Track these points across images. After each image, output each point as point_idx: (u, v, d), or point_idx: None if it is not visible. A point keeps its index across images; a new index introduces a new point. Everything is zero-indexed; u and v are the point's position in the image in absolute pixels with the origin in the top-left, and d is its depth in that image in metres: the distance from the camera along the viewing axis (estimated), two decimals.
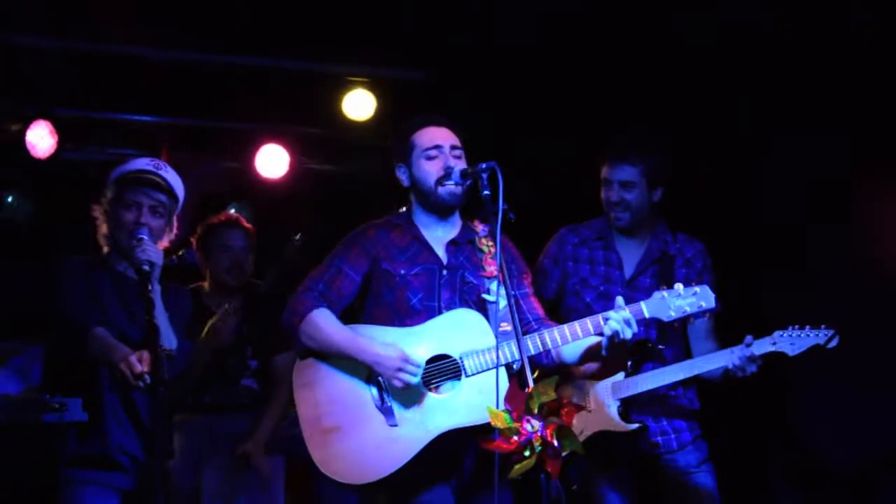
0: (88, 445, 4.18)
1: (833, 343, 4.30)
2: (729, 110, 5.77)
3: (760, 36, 5.56)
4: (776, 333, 4.34)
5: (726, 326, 4.57)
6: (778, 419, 5.55)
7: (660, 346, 4.55)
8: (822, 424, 5.44)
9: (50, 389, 4.28)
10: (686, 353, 4.61)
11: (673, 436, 4.57)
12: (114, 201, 4.30)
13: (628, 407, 4.47)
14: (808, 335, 4.30)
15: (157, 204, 4.31)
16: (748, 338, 4.33)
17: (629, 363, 4.50)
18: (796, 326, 4.32)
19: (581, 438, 4.37)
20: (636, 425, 4.44)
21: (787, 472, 5.58)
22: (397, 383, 3.87)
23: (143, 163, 4.41)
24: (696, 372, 4.44)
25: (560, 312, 4.68)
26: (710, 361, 4.41)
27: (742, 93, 5.71)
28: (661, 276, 4.55)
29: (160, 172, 4.37)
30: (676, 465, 4.55)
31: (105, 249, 4.37)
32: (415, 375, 3.86)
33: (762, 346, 4.34)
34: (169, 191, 4.35)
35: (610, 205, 4.59)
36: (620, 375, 4.48)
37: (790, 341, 4.32)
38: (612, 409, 4.46)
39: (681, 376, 4.46)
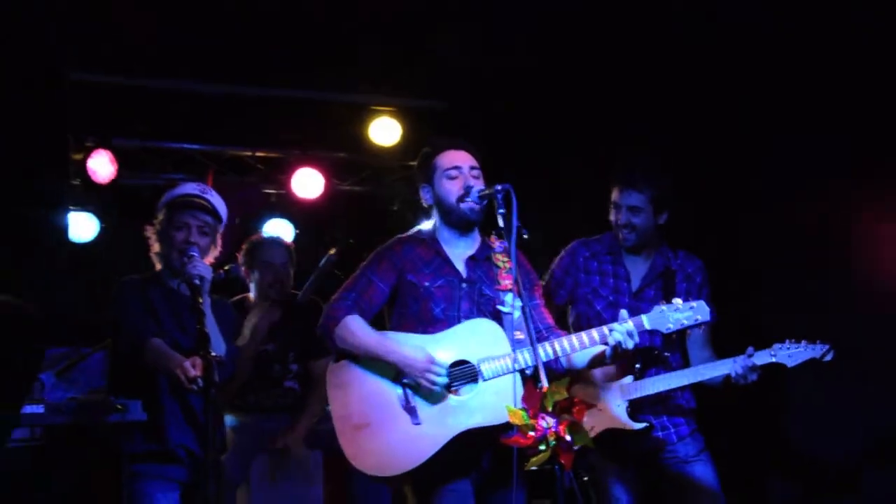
0: (151, 443, 4.21)
1: (828, 357, 4.26)
2: (728, 119, 5.63)
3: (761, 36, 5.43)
4: (775, 346, 4.30)
5: (724, 337, 4.55)
6: (770, 417, 5.48)
7: (665, 354, 4.53)
8: (810, 420, 5.38)
9: (114, 392, 4.32)
10: (684, 360, 4.60)
11: (672, 430, 4.53)
12: (165, 223, 4.35)
13: (635, 407, 4.45)
14: (806, 349, 4.26)
15: (204, 224, 4.35)
16: (750, 349, 4.30)
17: (637, 368, 4.47)
18: (794, 340, 4.28)
19: (591, 435, 4.37)
20: (643, 425, 4.41)
21: (779, 463, 5.53)
22: (424, 383, 3.85)
23: (190, 188, 4.44)
24: (701, 378, 4.41)
25: (571, 318, 4.67)
26: (715, 369, 4.37)
27: (740, 101, 5.56)
28: (665, 289, 4.53)
29: (206, 196, 4.41)
30: (676, 456, 4.52)
31: (158, 267, 4.41)
32: (440, 376, 3.85)
33: (763, 357, 4.30)
34: (214, 212, 4.39)
35: (618, 226, 4.56)
36: (629, 379, 4.45)
37: (788, 354, 4.27)
38: (621, 409, 4.43)
39: (686, 381, 4.43)
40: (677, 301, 3.96)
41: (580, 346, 3.93)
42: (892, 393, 4.97)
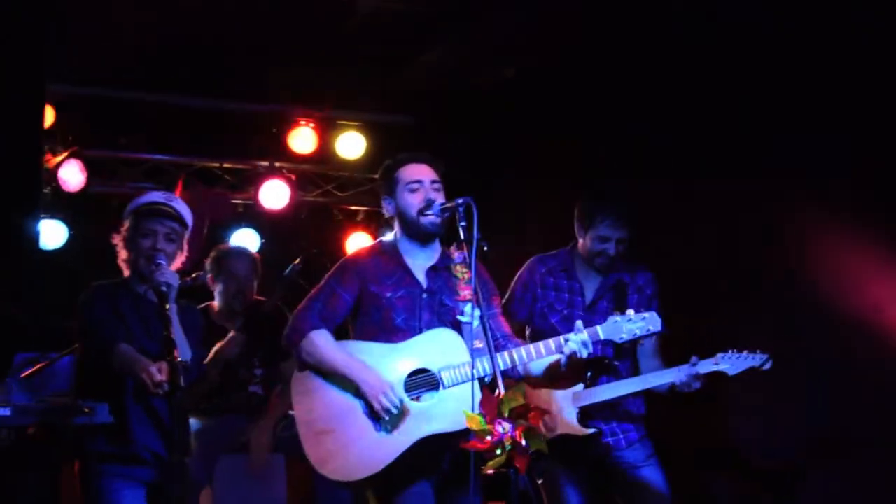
0: (116, 444, 4.20)
1: (767, 366, 4.34)
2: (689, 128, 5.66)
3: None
4: (718, 355, 4.37)
5: (673, 346, 4.61)
6: (716, 422, 5.56)
7: (615, 363, 4.59)
8: (749, 426, 5.47)
9: (81, 395, 4.31)
10: (635, 368, 4.66)
11: (621, 436, 4.59)
12: (132, 230, 4.33)
13: (585, 414, 4.50)
14: (747, 358, 4.34)
15: (171, 231, 4.33)
16: (694, 358, 4.37)
17: (588, 376, 4.52)
18: (735, 350, 4.36)
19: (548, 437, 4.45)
20: (592, 430, 4.46)
21: (725, 465, 5.60)
22: (377, 406, 3.88)
23: (156, 196, 4.45)
24: (647, 386, 4.48)
25: (529, 332, 4.72)
26: (661, 377, 4.44)
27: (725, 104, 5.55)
28: (616, 300, 4.60)
29: (171, 203, 4.41)
30: (626, 461, 4.57)
31: (125, 273, 4.41)
32: (392, 404, 3.87)
33: (706, 366, 4.38)
34: (180, 219, 4.38)
35: (602, 256, 4.60)
36: (580, 386, 4.50)
37: (730, 363, 4.35)
38: (572, 415, 4.47)
39: (634, 389, 4.50)
40: (630, 312, 4.03)
41: (537, 356, 3.98)
42: (828, 396, 5.06)
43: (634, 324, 4.02)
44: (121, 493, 4.16)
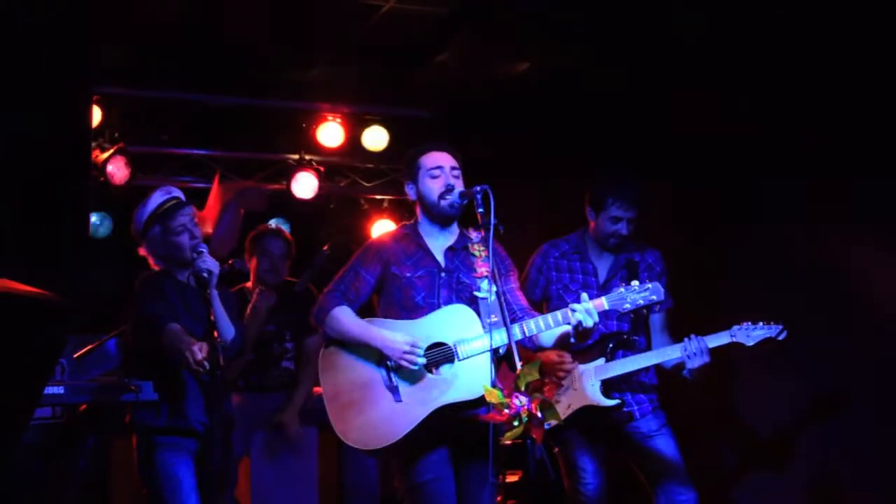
0: (170, 418, 4.23)
1: (782, 336, 4.25)
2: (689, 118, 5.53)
3: None
4: (734, 328, 4.30)
5: (683, 320, 4.55)
6: (720, 393, 5.45)
7: (634, 337, 4.51)
8: (753, 393, 5.38)
9: (129, 374, 4.32)
10: (648, 343, 4.58)
11: (635, 407, 4.51)
12: (162, 234, 4.31)
13: (607, 386, 4.42)
14: (762, 329, 4.26)
15: (191, 216, 4.34)
16: (692, 335, 4.33)
17: (608, 350, 4.46)
18: (750, 322, 4.28)
19: (569, 412, 4.40)
20: (616, 401, 4.39)
21: (728, 431, 5.51)
22: (404, 363, 3.84)
23: (159, 196, 4.40)
24: (664, 358, 4.41)
25: (548, 311, 4.65)
26: (676, 350, 4.36)
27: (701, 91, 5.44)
28: (629, 279, 4.50)
29: (175, 195, 4.40)
30: (639, 431, 4.50)
31: (158, 268, 4.39)
32: (419, 356, 3.84)
33: (722, 339, 4.31)
34: (187, 201, 4.39)
35: (617, 236, 4.54)
36: (601, 360, 4.44)
37: (746, 334, 4.27)
38: (595, 388, 4.41)
39: (652, 362, 4.43)
40: (634, 283, 3.97)
41: (545, 327, 3.92)
42: (819, 362, 4.96)
43: (638, 294, 3.94)
44: (178, 465, 4.18)
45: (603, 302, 3.93)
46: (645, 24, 5.50)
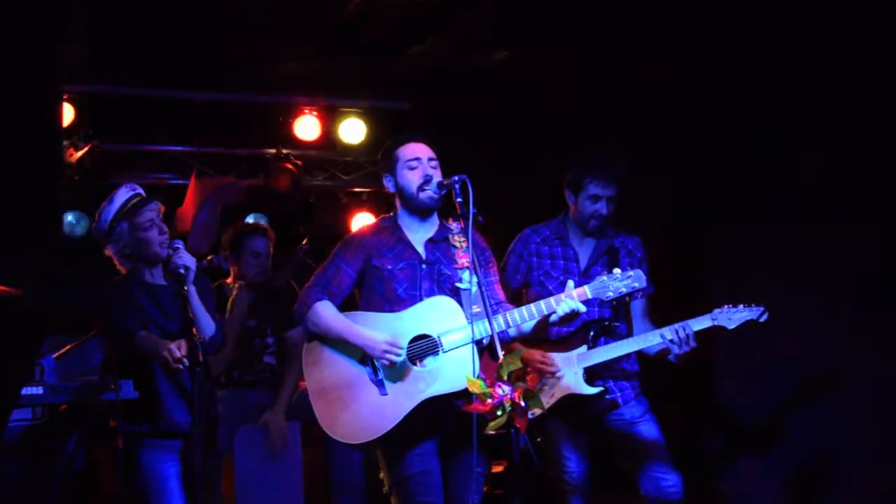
0: (151, 419, 4.19)
1: (764, 318, 4.23)
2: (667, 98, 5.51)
3: None
4: (715, 311, 4.28)
5: (665, 310, 4.53)
6: (703, 378, 5.46)
7: (615, 324, 4.50)
8: (738, 378, 5.38)
9: (109, 374, 4.31)
10: (629, 330, 4.58)
11: (618, 394, 4.50)
12: (130, 232, 4.24)
13: (589, 374, 4.42)
14: (744, 311, 4.24)
15: (158, 210, 4.30)
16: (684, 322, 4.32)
17: (590, 337, 4.46)
18: (730, 305, 4.26)
19: (552, 401, 4.38)
20: (598, 389, 4.39)
21: (712, 417, 5.53)
22: (384, 361, 3.84)
23: (124, 193, 4.32)
24: (647, 344, 4.39)
25: (526, 300, 4.58)
26: (658, 335, 4.35)
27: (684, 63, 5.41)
28: (610, 265, 4.48)
29: (138, 191, 4.34)
30: (622, 418, 4.50)
31: (124, 270, 4.32)
32: (398, 356, 3.82)
33: (703, 322, 4.29)
34: (150, 198, 4.33)
35: (596, 216, 4.51)
36: (584, 348, 4.43)
37: (728, 317, 4.25)
38: (578, 376, 4.40)
39: (635, 348, 4.41)
40: (616, 271, 3.96)
41: (529, 317, 3.91)
42: (806, 349, 4.96)
43: (620, 282, 3.94)
44: (162, 465, 4.16)
45: (586, 290, 3.92)
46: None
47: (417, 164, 4.03)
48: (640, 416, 4.51)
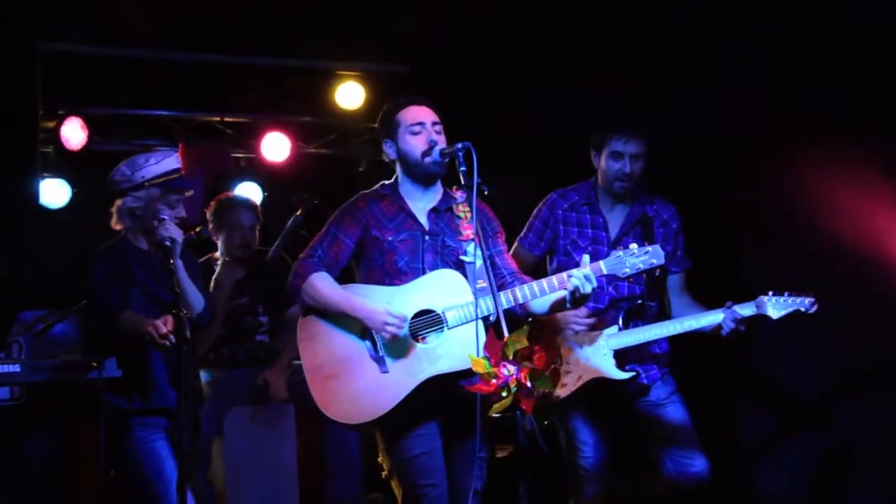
0: (139, 397, 4.19)
1: (813, 309, 4.18)
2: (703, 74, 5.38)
3: None
4: (760, 298, 4.22)
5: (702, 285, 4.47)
6: (741, 355, 5.28)
7: (650, 303, 4.43)
8: (782, 354, 5.20)
9: (92, 351, 4.30)
10: (661, 309, 4.51)
11: (643, 375, 4.43)
12: (157, 200, 4.24)
13: (619, 356, 4.35)
14: (792, 302, 4.18)
15: (187, 198, 4.33)
16: (728, 303, 4.25)
17: (621, 318, 4.40)
18: (777, 292, 4.20)
19: (579, 384, 4.33)
20: (630, 374, 4.32)
21: (750, 396, 5.41)
22: (385, 335, 3.80)
23: (172, 162, 4.32)
24: (685, 330, 4.32)
25: (551, 269, 4.57)
26: (700, 320, 4.29)
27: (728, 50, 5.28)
28: (643, 236, 4.42)
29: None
30: (648, 400, 4.44)
31: (119, 227, 4.32)
32: (400, 329, 3.79)
33: (747, 309, 4.23)
34: (192, 185, 4.36)
35: (621, 175, 4.44)
36: (614, 329, 4.37)
37: (774, 306, 4.19)
38: (608, 358, 4.34)
39: (671, 332, 4.34)
40: (633, 246, 3.87)
41: (540, 293, 3.86)
42: (854, 330, 4.85)
43: (638, 258, 3.85)
44: (155, 442, 4.17)
45: (601, 266, 3.85)
46: None
47: (421, 128, 3.98)
48: (665, 397, 4.46)
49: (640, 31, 5.66)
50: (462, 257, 3.93)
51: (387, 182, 4.12)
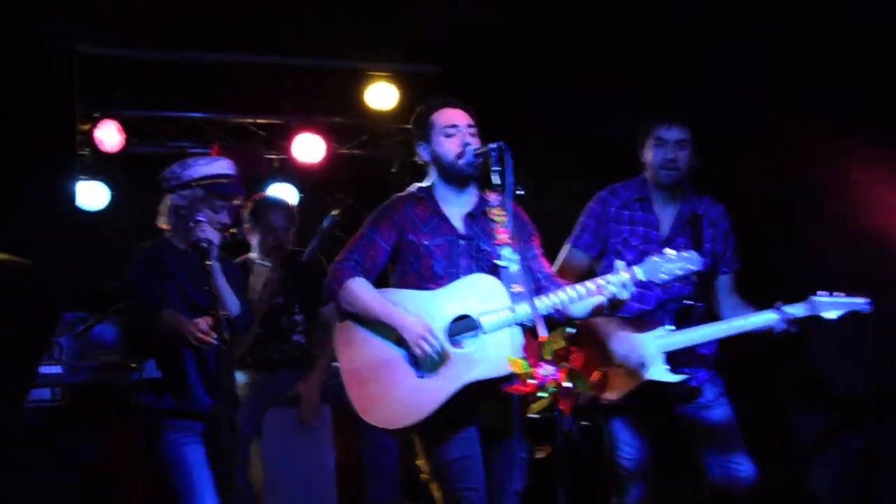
0: (177, 399, 4.22)
1: (868, 309, 4.15)
2: (756, 64, 5.33)
3: None
4: (811, 298, 4.18)
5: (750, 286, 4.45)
6: (792, 354, 5.24)
7: (699, 304, 4.41)
8: (831, 353, 5.16)
9: (131, 352, 4.36)
10: (709, 310, 4.48)
11: (691, 380, 4.37)
12: (200, 201, 4.28)
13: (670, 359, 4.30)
14: (847, 302, 4.15)
15: (235, 206, 4.38)
16: (778, 303, 4.21)
17: (672, 318, 4.37)
18: (830, 292, 4.16)
19: (628, 389, 4.31)
20: (682, 377, 4.28)
21: (800, 396, 5.37)
22: (417, 351, 3.81)
23: (225, 167, 4.37)
24: (737, 332, 4.28)
25: (599, 269, 4.52)
26: (751, 322, 4.26)
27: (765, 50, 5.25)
28: (693, 237, 4.41)
29: (236, 175, 4.38)
30: (695, 402, 4.41)
31: (166, 227, 4.37)
32: (432, 347, 3.79)
33: (799, 310, 4.19)
34: (242, 193, 4.41)
35: (664, 162, 4.42)
36: (664, 329, 4.33)
37: (829, 306, 4.16)
38: (660, 361, 4.29)
39: (722, 333, 4.31)
40: (669, 252, 3.88)
41: (578, 298, 3.87)
42: None
43: (674, 263, 3.86)
44: (186, 447, 4.19)
45: (636, 272, 3.86)
46: None
47: (455, 131, 4.01)
48: (713, 399, 4.41)
49: (641, 31, 5.67)
50: (496, 262, 3.94)
51: (422, 185, 4.14)
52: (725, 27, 5.49)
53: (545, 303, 3.86)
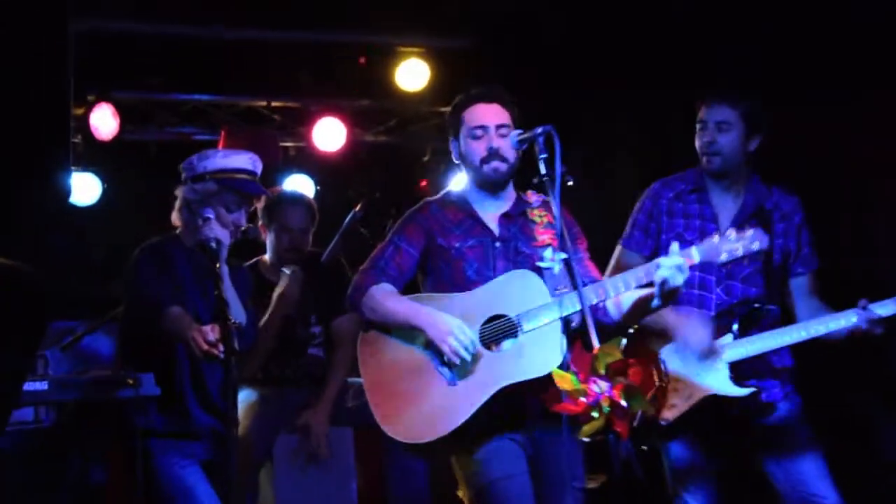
0: (174, 419, 4.25)
1: None
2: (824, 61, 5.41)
3: None
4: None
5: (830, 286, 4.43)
6: (875, 365, 5.23)
7: (770, 307, 4.37)
8: None
9: (125, 366, 4.34)
10: (783, 314, 4.43)
11: (763, 394, 4.32)
12: (212, 196, 4.31)
13: (736, 370, 4.26)
14: None
15: (252, 206, 4.43)
16: (863, 301, 4.17)
17: (735, 325, 4.33)
18: None
19: (690, 403, 4.26)
20: (750, 390, 4.24)
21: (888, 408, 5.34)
22: (445, 349, 3.83)
23: (243, 161, 4.40)
24: (813, 335, 4.24)
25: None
26: (828, 324, 4.22)
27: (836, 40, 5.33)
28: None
29: (258, 171, 4.42)
30: (769, 422, 4.35)
31: (178, 226, 4.41)
32: (462, 344, 3.81)
33: (889, 308, 4.16)
34: (261, 193, 4.44)
35: (703, 146, 4.42)
36: (728, 338, 4.30)
37: None
38: (723, 373, 4.26)
39: (795, 339, 4.27)
40: (730, 232, 3.86)
41: (625, 287, 3.85)
42: None
43: (736, 242, 3.83)
44: (185, 470, 4.23)
45: (692, 253, 3.83)
46: None
47: (482, 133, 4.07)
48: (790, 419, 4.36)
49: (640, 31, 5.81)
50: (539, 263, 3.95)
51: (454, 189, 4.23)
52: (725, 27, 5.72)
53: (590, 296, 3.82)
